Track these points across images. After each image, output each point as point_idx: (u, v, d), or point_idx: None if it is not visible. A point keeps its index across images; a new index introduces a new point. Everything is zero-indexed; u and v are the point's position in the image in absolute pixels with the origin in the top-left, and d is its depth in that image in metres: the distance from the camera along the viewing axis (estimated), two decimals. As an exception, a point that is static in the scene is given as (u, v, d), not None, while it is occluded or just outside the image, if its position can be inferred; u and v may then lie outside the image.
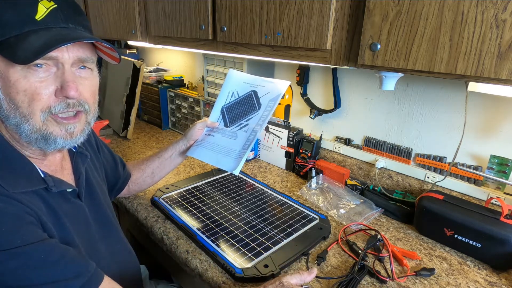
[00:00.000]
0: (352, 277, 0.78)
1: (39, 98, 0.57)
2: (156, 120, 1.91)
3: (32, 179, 0.61)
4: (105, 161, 0.91)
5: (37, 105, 0.58)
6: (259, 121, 0.89)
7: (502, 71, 0.59)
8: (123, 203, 1.13)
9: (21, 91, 0.56)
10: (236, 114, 0.94)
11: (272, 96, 0.89)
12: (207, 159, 0.92)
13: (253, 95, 0.92)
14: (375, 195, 1.13)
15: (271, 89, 0.91)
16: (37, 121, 0.59)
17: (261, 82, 0.94)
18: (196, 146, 0.97)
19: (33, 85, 0.57)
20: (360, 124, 1.26)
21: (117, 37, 1.57)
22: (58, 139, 0.62)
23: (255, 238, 0.91)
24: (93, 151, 0.86)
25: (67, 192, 0.67)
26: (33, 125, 0.59)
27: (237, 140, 0.90)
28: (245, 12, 0.97)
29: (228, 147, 0.90)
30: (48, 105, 0.59)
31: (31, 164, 0.63)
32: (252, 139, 0.87)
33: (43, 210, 0.60)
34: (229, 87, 0.99)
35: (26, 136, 0.60)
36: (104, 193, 0.84)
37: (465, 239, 0.88)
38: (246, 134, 0.89)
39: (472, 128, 1.00)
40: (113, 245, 0.78)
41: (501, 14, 0.57)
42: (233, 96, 0.97)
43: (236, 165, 0.86)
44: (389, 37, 0.71)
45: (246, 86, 0.95)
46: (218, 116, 0.98)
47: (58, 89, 0.59)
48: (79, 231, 0.67)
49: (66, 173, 0.72)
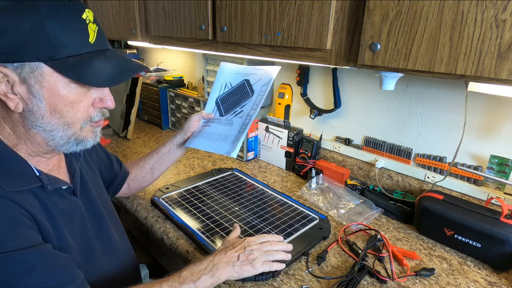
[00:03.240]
0: (352, 277, 0.78)
1: (83, 110, 0.64)
2: (156, 120, 1.91)
3: (27, 177, 0.62)
4: (98, 159, 0.92)
5: (81, 115, 0.64)
6: (253, 106, 0.92)
7: (502, 71, 0.59)
8: (123, 203, 1.13)
9: (69, 104, 0.62)
10: (231, 103, 0.97)
11: (264, 82, 0.93)
12: (205, 147, 0.94)
13: (246, 84, 0.96)
14: (375, 195, 1.13)
15: (262, 76, 0.95)
16: (77, 128, 0.65)
17: (252, 70, 0.97)
18: (193, 137, 0.99)
19: (79, 98, 0.63)
20: (360, 124, 1.26)
21: (117, 37, 1.57)
22: (89, 140, 0.68)
23: (255, 238, 0.91)
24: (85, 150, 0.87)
25: (62, 189, 0.68)
26: (73, 132, 0.64)
27: (233, 126, 0.93)
28: (245, 12, 0.97)
29: (225, 133, 0.93)
30: (89, 114, 0.65)
31: (26, 162, 0.63)
32: (247, 123, 0.89)
33: (37, 208, 0.61)
34: (222, 79, 1.02)
35: (57, 140, 0.63)
36: (100, 190, 0.85)
37: (465, 239, 0.88)
38: (241, 120, 0.92)
39: (472, 128, 1.00)
40: (110, 242, 0.78)
41: (501, 14, 0.57)
42: (226, 87, 1.00)
43: (233, 149, 0.88)
44: (389, 37, 0.71)
45: (238, 76, 0.99)
46: (213, 107, 1.01)
47: (97, 101, 0.66)
48: (73, 228, 0.68)
49: (62, 171, 0.74)
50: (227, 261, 0.73)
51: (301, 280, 0.80)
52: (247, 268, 0.74)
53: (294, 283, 0.78)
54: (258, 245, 0.77)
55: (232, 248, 0.76)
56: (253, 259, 0.74)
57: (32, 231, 0.58)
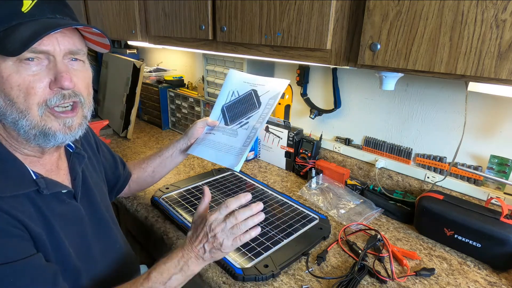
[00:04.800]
0: (352, 277, 0.78)
1: (34, 92, 0.57)
2: (156, 120, 1.91)
3: (22, 181, 0.60)
4: (104, 161, 0.91)
5: (33, 99, 0.57)
6: (259, 119, 0.90)
7: (502, 71, 0.59)
8: (123, 203, 1.13)
9: (15, 86, 0.56)
10: (237, 112, 0.95)
11: (272, 95, 0.91)
12: (208, 156, 0.92)
13: (253, 94, 0.93)
14: (375, 195, 1.13)
15: (271, 88, 0.92)
16: (34, 116, 0.58)
17: (261, 81, 0.95)
18: (196, 145, 0.97)
19: (26, 79, 0.56)
20: (360, 124, 1.26)
21: (117, 37, 1.57)
22: (58, 133, 0.61)
23: (255, 238, 0.90)
24: (92, 151, 0.85)
25: (62, 193, 0.66)
26: (31, 120, 0.58)
27: (238, 138, 0.91)
28: (245, 12, 0.97)
29: (229, 144, 0.91)
30: (44, 98, 0.58)
31: (23, 165, 0.61)
32: (252, 136, 0.88)
33: (31, 214, 0.59)
34: (229, 87, 1.00)
35: (24, 133, 0.59)
36: (103, 194, 0.83)
37: (465, 239, 0.88)
38: (246, 132, 0.90)
39: (472, 128, 1.00)
40: (110, 245, 0.78)
41: (501, 14, 0.57)
42: (233, 95, 0.97)
43: (237, 162, 0.86)
44: (389, 37, 0.71)
45: (246, 86, 0.96)
46: (218, 115, 0.98)
47: (52, 81, 0.59)
48: (71, 233, 0.66)
49: (62, 173, 0.71)
50: (196, 256, 0.68)
51: (301, 280, 0.80)
52: (218, 255, 0.69)
53: (294, 283, 0.78)
54: (221, 225, 0.67)
55: (196, 239, 0.69)
56: (220, 244, 0.67)
57: (22, 241, 0.56)
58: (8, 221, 0.55)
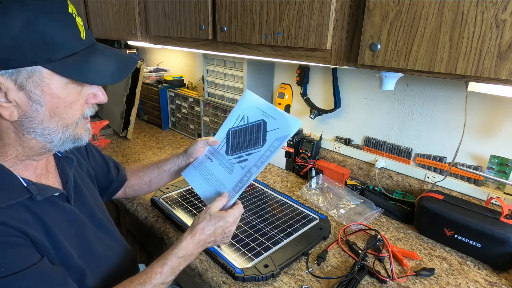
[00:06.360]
0: (352, 277, 0.78)
1: (80, 109, 0.63)
2: (156, 120, 1.91)
3: (14, 190, 0.59)
4: (94, 164, 0.91)
5: (78, 114, 0.63)
6: (257, 162, 0.84)
7: (502, 71, 0.59)
8: (123, 203, 1.13)
9: (68, 105, 0.60)
10: (240, 142, 0.90)
11: (279, 135, 0.84)
12: (197, 187, 0.90)
13: (262, 126, 0.88)
14: (375, 195, 1.13)
15: (280, 126, 0.85)
16: (73, 128, 0.63)
17: (274, 113, 0.87)
18: (192, 168, 0.95)
19: (76, 97, 0.61)
20: (360, 124, 1.26)
21: (117, 37, 1.57)
22: (84, 137, 0.67)
23: (255, 238, 0.91)
24: (80, 155, 0.86)
25: (55, 196, 0.66)
26: (70, 132, 0.63)
27: (232, 176, 0.86)
28: (245, 12, 0.97)
29: (221, 180, 0.87)
30: (83, 111, 0.64)
31: (12, 174, 0.61)
32: (245, 181, 0.83)
33: (29, 221, 0.59)
34: (241, 109, 0.94)
35: (55, 142, 0.62)
36: (95, 196, 0.83)
37: (465, 239, 0.88)
38: (242, 172, 0.85)
39: (472, 128, 1.00)
40: (109, 244, 0.78)
41: (501, 14, 0.57)
42: (242, 119, 0.92)
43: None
44: (389, 37, 0.71)
45: (258, 113, 0.90)
46: (223, 137, 0.94)
47: (90, 97, 0.64)
48: (69, 234, 0.66)
49: (51, 176, 0.71)
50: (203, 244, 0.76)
51: (301, 280, 0.80)
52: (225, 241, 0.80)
53: (294, 283, 0.78)
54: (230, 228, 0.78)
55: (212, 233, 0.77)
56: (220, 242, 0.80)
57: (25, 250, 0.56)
58: (9, 232, 0.55)
